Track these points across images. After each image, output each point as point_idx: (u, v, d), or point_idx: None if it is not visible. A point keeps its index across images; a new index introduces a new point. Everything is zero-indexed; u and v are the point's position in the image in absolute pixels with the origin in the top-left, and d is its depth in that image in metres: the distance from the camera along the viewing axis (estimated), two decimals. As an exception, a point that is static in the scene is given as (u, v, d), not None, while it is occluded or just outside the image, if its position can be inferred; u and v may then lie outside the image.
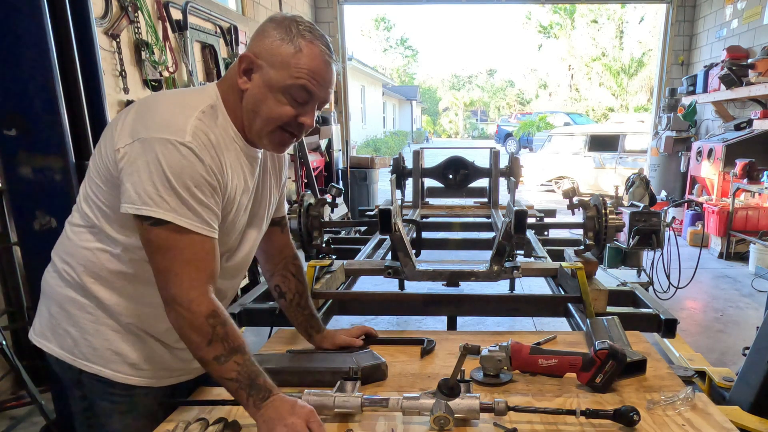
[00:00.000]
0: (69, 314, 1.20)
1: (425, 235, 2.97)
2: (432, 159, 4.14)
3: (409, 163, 3.72)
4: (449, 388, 1.11)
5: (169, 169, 1.04)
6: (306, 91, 1.14)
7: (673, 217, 4.59)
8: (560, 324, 2.07)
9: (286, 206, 1.59)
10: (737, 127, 6.68)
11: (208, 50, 5.08)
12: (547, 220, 3.39)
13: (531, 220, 3.08)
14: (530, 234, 2.78)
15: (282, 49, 1.12)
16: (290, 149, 1.43)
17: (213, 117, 1.14)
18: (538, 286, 3.85)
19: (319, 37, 1.15)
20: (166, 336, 1.24)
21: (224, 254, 1.24)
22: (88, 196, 1.17)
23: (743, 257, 5.97)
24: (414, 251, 2.15)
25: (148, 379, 1.24)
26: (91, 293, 1.18)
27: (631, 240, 2.76)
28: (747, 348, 2.22)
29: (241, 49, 5.65)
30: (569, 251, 2.29)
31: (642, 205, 2.82)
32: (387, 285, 2.42)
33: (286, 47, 1.12)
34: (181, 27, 4.48)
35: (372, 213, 3.45)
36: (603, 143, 10.88)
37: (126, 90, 3.78)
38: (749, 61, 6.27)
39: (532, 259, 2.50)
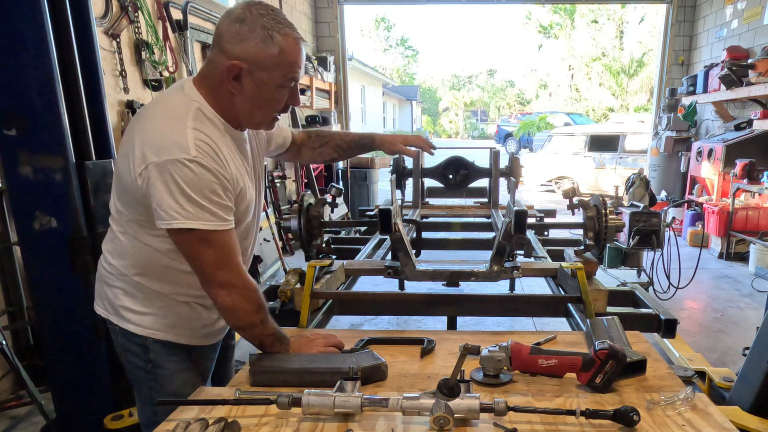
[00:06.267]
0: (138, 299, 1.42)
1: (425, 235, 2.96)
2: (432, 159, 4.13)
3: (409, 163, 3.70)
4: (449, 388, 1.10)
5: (186, 185, 1.19)
6: (293, 80, 1.32)
7: (673, 218, 4.60)
8: (560, 324, 2.07)
9: (286, 130, 1.78)
10: (737, 128, 6.68)
11: (208, 50, 5.08)
12: (547, 220, 3.38)
13: (531, 220, 3.07)
14: (530, 234, 2.77)
15: (267, 52, 1.24)
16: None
17: (202, 119, 1.27)
18: (538, 286, 3.85)
19: (287, 24, 1.27)
20: (203, 300, 1.45)
21: (240, 220, 1.43)
22: (118, 210, 1.36)
23: (743, 257, 5.97)
24: (414, 251, 2.14)
25: (198, 339, 1.50)
26: (143, 286, 1.41)
27: (631, 240, 2.77)
28: (747, 348, 2.22)
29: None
30: (569, 251, 2.28)
31: (642, 206, 2.83)
32: (387, 285, 2.41)
33: (270, 49, 1.24)
34: (181, 27, 4.48)
35: (372, 213, 3.44)
36: (603, 143, 10.89)
37: (126, 90, 3.78)
38: (749, 61, 6.26)
39: (532, 259, 2.49)
